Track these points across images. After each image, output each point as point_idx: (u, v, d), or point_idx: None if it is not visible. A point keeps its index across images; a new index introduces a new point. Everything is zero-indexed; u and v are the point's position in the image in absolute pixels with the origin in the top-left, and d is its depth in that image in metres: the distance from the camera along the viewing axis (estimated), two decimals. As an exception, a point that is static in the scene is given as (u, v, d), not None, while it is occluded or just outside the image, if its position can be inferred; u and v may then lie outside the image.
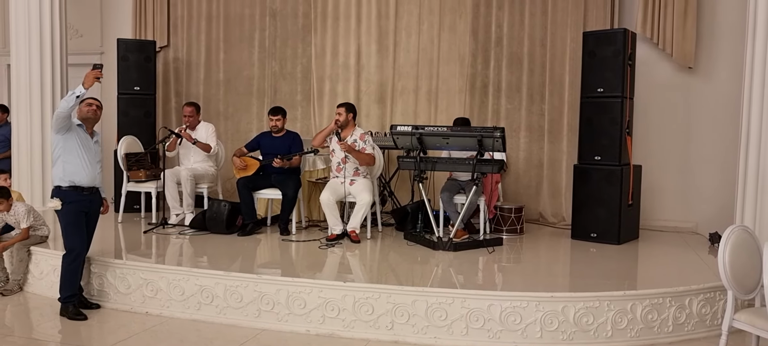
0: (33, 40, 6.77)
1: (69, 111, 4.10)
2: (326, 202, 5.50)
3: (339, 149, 5.67)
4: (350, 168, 5.70)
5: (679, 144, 6.40)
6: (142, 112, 7.11)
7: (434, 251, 5.16)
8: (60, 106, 4.13)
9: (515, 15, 6.70)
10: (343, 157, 5.69)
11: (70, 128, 4.22)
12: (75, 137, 4.26)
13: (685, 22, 6.11)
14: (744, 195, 4.96)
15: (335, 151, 5.74)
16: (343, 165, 5.70)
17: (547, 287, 4.22)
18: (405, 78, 7.09)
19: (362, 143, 5.73)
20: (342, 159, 5.70)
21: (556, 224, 6.59)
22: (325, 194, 5.54)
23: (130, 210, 6.64)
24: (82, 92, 4.02)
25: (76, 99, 4.03)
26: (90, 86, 4.08)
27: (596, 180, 5.66)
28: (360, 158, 5.64)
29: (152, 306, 4.44)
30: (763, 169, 4.81)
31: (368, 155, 5.70)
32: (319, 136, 5.83)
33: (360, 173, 5.74)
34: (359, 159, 5.65)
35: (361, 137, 5.76)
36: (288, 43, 7.49)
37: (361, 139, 5.74)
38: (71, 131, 4.23)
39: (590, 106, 5.72)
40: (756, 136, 4.84)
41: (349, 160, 5.68)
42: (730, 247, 3.19)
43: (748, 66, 4.93)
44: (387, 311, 3.99)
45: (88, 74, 4.07)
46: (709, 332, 4.10)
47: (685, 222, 6.36)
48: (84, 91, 4.03)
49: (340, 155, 5.70)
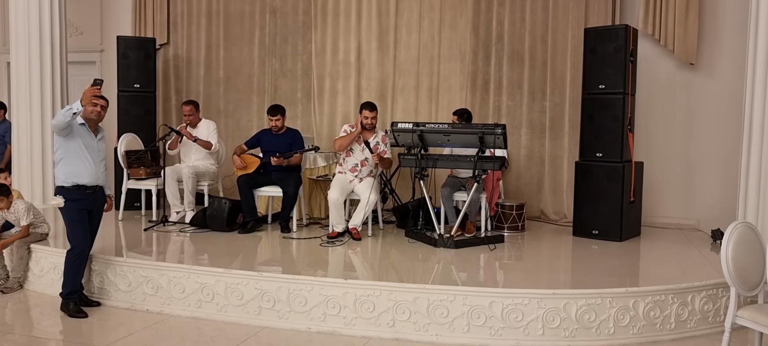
0: (33, 38, 6.75)
1: (64, 125, 4.09)
2: (335, 201, 5.46)
3: (358, 149, 5.64)
4: (365, 171, 5.67)
5: (681, 141, 6.38)
6: (142, 110, 7.10)
7: (435, 249, 5.15)
8: (56, 119, 4.11)
9: (516, 12, 6.68)
10: (363, 160, 5.65)
11: (72, 130, 4.20)
12: (77, 138, 4.23)
13: (686, 19, 6.09)
14: (746, 191, 4.94)
15: (354, 152, 5.66)
16: (360, 167, 5.66)
17: (548, 284, 4.21)
18: (405, 75, 7.07)
19: (383, 146, 5.72)
20: (361, 161, 5.66)
21: (557, 221, 6.58)
22: (335, 192, 5.48)
23: (131, 208, 6.63)
24: (78, 109, 4.01)
25: (72, 116, 4.02)
26: (88, 115, 4.17)
27: (598, 177, 5.65)
28: (384, 164, 5.65)
29: (153, 304, 4.43)
30: (765, 165, 4.79)
31: (390, 160, 5.74)
32: (345, 141, 5.58)
33: (372, 175, 5.73)
34: (383, 165, 5.66)
35: (382, 139, 5.73)
36: (288, 41, 7.47)
37: (383, 142, 5.73)
38: (73, 132, 4.21)
39: (592, 103, 5.70)
40: (758, 133, 4.82)
41: (368, 163, 5.65)
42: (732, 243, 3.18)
43: (750, 62, 4.91)
44: (388, 309, 3.98)
45: (86, 92, 4.06)
46: (711, 329, 4.09)
47: (688, 219, 6.34)
48: (81, 109, 4.02)
49: (360, 157, 5.65)
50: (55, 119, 4.13)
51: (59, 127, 4.10)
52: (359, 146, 5.63)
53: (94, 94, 4.09)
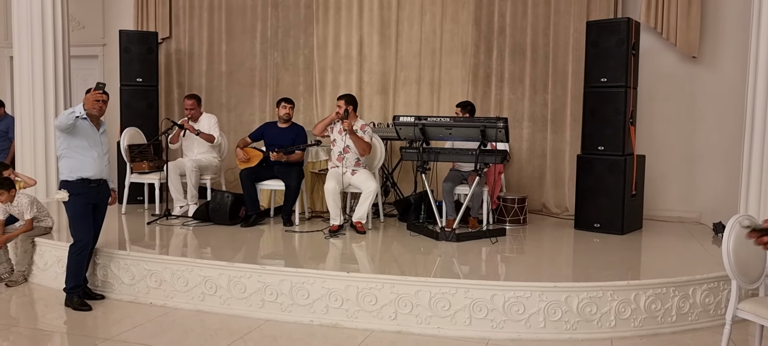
0: (35, 33, 6.76)
1: (67, 127, 4.13)
2: (331, 191, 5.49)
3: (340, 139, 5.67)
4: (352, 158, 5.70)
5: (682, 134, 6.38)
6: (144, 104, 7.11)
7: (437, 242, 5.16)
8: (58, 120, 4.16)
9: (518, 5, 6.67)
10: (345, 147, 5.69)
11: (74, 126, 4.21)
12: (80, 132, 4.25)
13: (689, 12, 6.08)
14: (748, 185, 4.94)
15: (336, 141, 5.74)
16: (344, 155, 5.70)
17: (550, 277, 4.22)
18: (407, 69, 7.08)
19: (362, 133, 5.73)
20: (343, 149, 5.70)
21: (559, 214, 6.59)
22: (330, 183, 5.52)
23: (134, 202, 6.65)
24: (81, 113, 4.05)
25: (74, 119, 4.06)
26: (90, 109, 4.13)
27: (600, 170, 5.65)
28: (358, 143, 5.65)
29: (156, 297, 4.46)
30: (767, 159, 4.79)
31: (366, 143, 5.71)
32: (320, 125, 5.80)
33: (361, 164, 5.75)
34: (357, 144, 5.65)
35: (361, 128, 5.76)
36: (290, 34, 7.47)
37: (361, 130, 5.75)
38: (76, 127, 4.22)
39: (594, 96, 5.70)
40: (761, 126, 4.82)
41: (351, 150, 5.68)
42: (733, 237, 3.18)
43: (752, 55, 4.90)
44: (390, 302, 4.00)
45: (89, 97, 4.11)
46: (712, 322, 4.10)
47: (689, 212, 6.35)
48: (83, 113, 4.07)
49: (341, 145, 5.70)
50: (57, 120, 4.18)
51: (61, 128, 4.16)
52: (340, 136, 5.67)
53: (96, 99, 4.13)
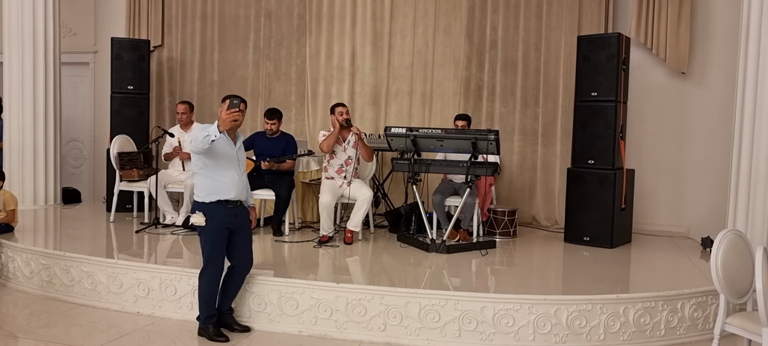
0: (26, 39, 6.74)
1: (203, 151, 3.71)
2: (326, 206, 5.46)
3: (341, 151, 5.66)
4: (352, 168, 5.69)
5: (672, 148, 6.43)
6: (135, 112, 7.09)
7: (427, 253, 5.16)
8: (194, 146, 3.71)
9: (510, 19, 6.72)
10: (347, 159, 5.67)
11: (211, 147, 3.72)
12: (216, 152, 3.78)
13: (678, 28, 6.15)
14: (736, 199, 4.99)
15: (337, 154, 5.69)
16: (346, 166, 5.68)
17: (539, 289, 4.22)
18: (399, 80, 7.10)
19: None
20: (345, 160, 5.67)
21: (549, 227, 6.60)
22: (327, 197, 5.49)
23: (123, 210, 6.60)
24: (217, 136, 3.59)
25: (210, 143, 3.61)
26: (226, 129, 3.68)
27: (589, 184, 5.68)
28: (364, 150, 5.68)
29: (144, 306, 4.42)
30: (755, 173, 4.83)
31: (371, 150, 5.80)
32: (327, 142, 5.59)
33: (357, 173, 5.76)
34: (364, 151, 5.68)
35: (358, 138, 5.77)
36: (283, 44, 7.48)
37: None
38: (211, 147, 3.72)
39: (584, 110, 5.74)
40: (748, 141, 4.87)
41: (352, 161, 5.67)
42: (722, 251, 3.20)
43: (740, 71, 4.96)
44: (380, 313, 3.98)
45: (225, 117, 3.63)
46: (701, 336, 4.11)
47: (678, 226, 6.38)
48: (219, 135, 3.61)
49: (343, 157, 5.67)
50: (193, 145, 3.74)
51: (198, 153, 3.77)
52: (340, 146, 5.66)
53: (234, 119, 3.66)
